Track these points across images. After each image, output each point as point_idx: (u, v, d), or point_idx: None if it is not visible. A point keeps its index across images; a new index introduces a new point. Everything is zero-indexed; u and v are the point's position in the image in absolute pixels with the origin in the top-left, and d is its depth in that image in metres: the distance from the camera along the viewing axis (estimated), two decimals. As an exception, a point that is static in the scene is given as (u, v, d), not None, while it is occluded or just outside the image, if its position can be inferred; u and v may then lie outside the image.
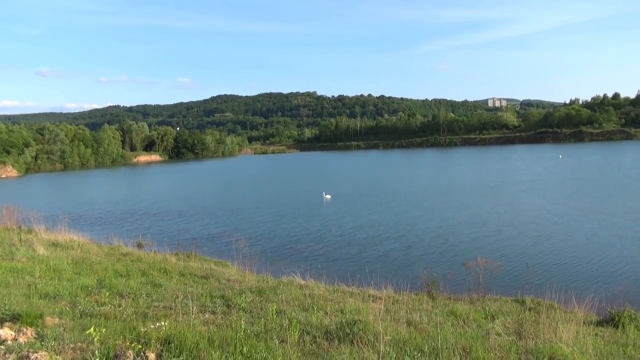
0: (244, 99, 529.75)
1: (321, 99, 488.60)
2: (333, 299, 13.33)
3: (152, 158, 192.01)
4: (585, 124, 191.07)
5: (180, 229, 37.58)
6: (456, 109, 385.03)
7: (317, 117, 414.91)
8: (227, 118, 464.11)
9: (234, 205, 49.90)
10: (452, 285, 19.49)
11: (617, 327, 12.93)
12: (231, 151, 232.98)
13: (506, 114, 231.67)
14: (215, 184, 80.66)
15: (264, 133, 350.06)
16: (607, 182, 55.80)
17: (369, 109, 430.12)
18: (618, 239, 28.10)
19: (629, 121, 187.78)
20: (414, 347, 7.47)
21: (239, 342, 7.09)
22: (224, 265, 21.82)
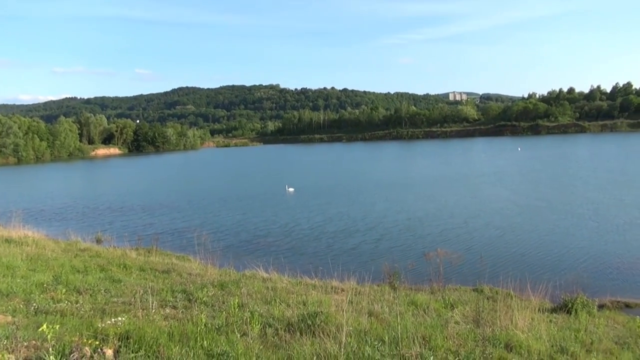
0: (206, 92, 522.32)
1: (284, 92, 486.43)
2: (296, 292, 13.36)
3: (111, 151, 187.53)
4: (542, 118, 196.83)
5: (141, 223, 36.89)
6: (418, 102, 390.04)
7: (281, 110, 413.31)
8: (188, 111, 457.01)
9: (196, 200, 49.27)
10: (413, 276, 19.82)
11: (570, 313, 13.38)
12: (193, 144, 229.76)
13: (466, 108, 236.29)
14: (178, 178, 79.49)
15: (227, 126, 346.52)
16: (566, 174, 57.60)
17: (332, 102, 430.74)
18: (574, 229, 29.05)
19: (582, 115, 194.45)
20: (375, 336, 7.56)
21: (199, 336, 7.03)
22: (186, 260, 21.58)
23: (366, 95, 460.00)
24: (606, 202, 36.95)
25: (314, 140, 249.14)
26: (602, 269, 21.45)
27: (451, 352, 7.05)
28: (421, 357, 6.62)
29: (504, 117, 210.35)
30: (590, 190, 43.36)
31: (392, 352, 6.78)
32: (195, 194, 54.61)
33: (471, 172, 64.99)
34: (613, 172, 56.36)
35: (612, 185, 45.89)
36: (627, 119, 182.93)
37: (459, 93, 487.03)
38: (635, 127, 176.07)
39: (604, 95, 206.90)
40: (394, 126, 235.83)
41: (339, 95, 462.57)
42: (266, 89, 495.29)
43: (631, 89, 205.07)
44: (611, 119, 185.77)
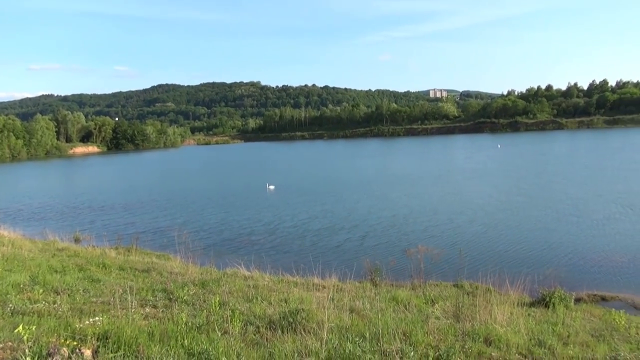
0: (186, 89, 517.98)
1: (265, 89, 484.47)
2: (277, 289, 13.33)
3: (89, 149, 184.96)
4: (520, 115, 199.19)
5: (122, 222, 36.51)
6: (399, 99, 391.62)
7: (262, 108, 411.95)
8: (168, 108, 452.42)
9: (177, 198, 48.91)
10: (395, 272, 19.94)
11: (548, 307, 13.59)
12: (173, 142, 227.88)
13: (447, 105, 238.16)
14: (158, 176, 78.79)
15: (207, 123, 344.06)
16: (546, 170, 58.43)
17: (313, 100, 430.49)
18: (553, 224, 29.50)
19: (560, 112, 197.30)
20: (356, 333, 7.59)
21: (180, 335, 6.97)
22: (167, 259, 21.40)
23: (347, 92, 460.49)
24: (585, 198, 37.58)
25: (296, 138, 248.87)
26: (580, 263, 21.84)
27: (431, 347, 7.11)
28: (402, 353, 6.67)
29: (483, 114, 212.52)
30: (570, 186, 44.06)
31: (373, 348, 6.81)
32: (176, 192, 54.20)
33: (454, 169, 65.60)
34: (591, 168, 57.33)
35: (591, 180, 46.71)
36: (603, 115, 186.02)
37: (439, 90, 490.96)
38: (611, 123, 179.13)
39: (580, 92, 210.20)
40: (375, 123, 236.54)
41: (320, 92, 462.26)
42: (247, 86, 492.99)
43: (607, 86, 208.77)
44: (588, 116, 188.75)
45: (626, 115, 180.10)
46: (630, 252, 22.81)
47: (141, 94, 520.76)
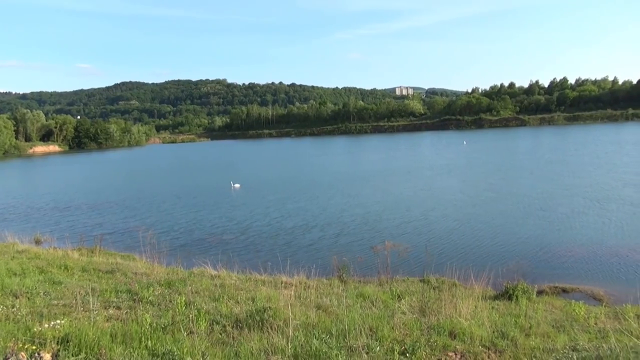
0: (151, 86, 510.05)
1: (232, 87, 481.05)
2: (245, 288, 13.26)
3: (50, 149, 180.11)
4: (484, 112, 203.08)
5: (87, 223, 35.59)
6: (365, 97, 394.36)
7: (228, 105, 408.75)
8: (132, 106, 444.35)
9: (141, 197, 48.06)
10: (363, 269, 20.03)
11: (511, 299, 13.88)
12: (138, 141, 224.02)
13: (413, 102, 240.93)
14: (121, 176, 77.19)
15: (173, 122, 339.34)
16: (512, 165, 59.68)
17: (281, 97, 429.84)
18: (519, 218, 30.06)
19: (522, 109, 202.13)
20: (323, 329, 7.60)
21: (144, 336, 6.87)
22: (132, 259, 21.02)
23: (314, 90, 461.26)
24: (551, 192, 38.44)
25: (263, 136, 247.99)
26: (544, 256, 22.33)
27: (397, 341, 7.18)
28: (368, 348, 6.72)
29: (448, 112, 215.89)
30: (536, 181, 45.06)
31: (339, 344, 6.84)
32: (140, 191, 53.28)
33: (423, 165, 66.37)
34: (556, 163, 58.83)
35: (556, 175, 47.87)
36: (564, 112, 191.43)
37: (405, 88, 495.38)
38: (571, 120, 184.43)
39: (542, 90, 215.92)
40: (342, 121, 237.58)
41: (287, 90, 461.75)
42: (213, 84, 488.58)
43: (567, 83, 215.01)
44: (549, 113, 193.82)
45: (585, 112, 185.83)
46: (591, 244, 23.48)
47: (104, 91, 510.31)
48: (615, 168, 50.51)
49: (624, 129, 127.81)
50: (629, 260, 20.83)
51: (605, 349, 6.72)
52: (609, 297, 16.72)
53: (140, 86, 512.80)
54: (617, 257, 21.30)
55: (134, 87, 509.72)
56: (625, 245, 23.04)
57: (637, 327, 8.01)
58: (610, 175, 45.52)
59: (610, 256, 21.55)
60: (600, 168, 51.34)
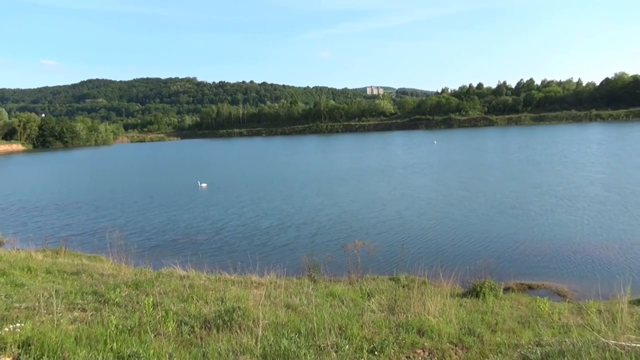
0: (118, 84, 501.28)
1: (202, 85, 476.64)
2: (214, 288, 13.14)
3: (13, 148, 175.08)
4: (454, 112, 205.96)
5: (52, 224, 34.72)
6: (337, 96, 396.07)
7: (198, 104, 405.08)
8: (100, 104, 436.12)
9: (108, 197, 47.18)
10: (333, 268, 20.10)
11: (479, 296, 14.12)
12: (105, 139, 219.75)
13: (383, 102, 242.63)
14: (89, 175, 75.64)
15: (142, 120, 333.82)
16: (483, 164, 60.72)
17: (251, 96, 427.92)
18: (489, 217, 30.53)
19: (490, 109, 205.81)
20: (292, 329, 7.59)
21: (109, 339, 6.73)
22: (98, 260, 20.61)
23: (285, 89, 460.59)
24: (521, 190, 39.19)
25: (233, 135, 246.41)
26: (511, 254, 22.75)
27: (366, 340, 7.21)
28: (337, 347, 6.73)
29: (418, 111, 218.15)
30: (506, 179, 45.90)
31: (308, 343, 6.84)
32: (108, 191, 52.27)
33: (396, 164, 66.90)
34: (526, 162, 60.01)
35: (526, 174, 48.84)
36: (530, 112, 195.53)
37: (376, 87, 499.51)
38: (537, 120, 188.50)
39: (509, 91, 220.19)
40: (313, 120, 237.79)
41: (258, 89, 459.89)
42: (183, 82, 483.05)
43: (533, 84, 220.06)
44: (516, 113, 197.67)
45: (551, 112, 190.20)
46: (557, 242, 24.04)
47: (70, 89, 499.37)
48: (583, 167, 51.92)
49: (588, 129, 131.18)
50: (592, 257, 21.40)
51: (568, 344, 6.89)
52: (572, 293, 17.16)
53: (107, 84, 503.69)
54: (581, 254, 21.86)
55: (101, 85, 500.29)
56: (589, 242, 23.67)
57: (598, 321, 8.23)
58: (577, 174, 46.74)
59: (574, 253, 22.10)
60: (568, 167, 52.66)
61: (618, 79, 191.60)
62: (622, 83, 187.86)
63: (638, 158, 56.98)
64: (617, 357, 5.98)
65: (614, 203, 32.16)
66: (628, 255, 21.47)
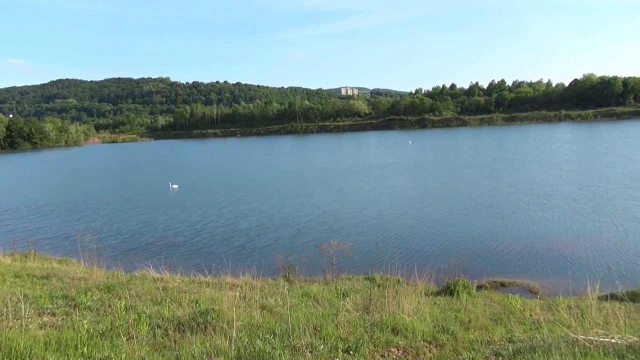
0: (89, 84, 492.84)
1: (175, 86, 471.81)
2: (188, 290, 13.00)
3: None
4: (427, 112, 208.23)
5: (23, 227, 33.91)
6: (311, 97, 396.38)
7: (171, 104, 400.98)
8: (70, 104, 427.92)
9: (78, 200, 46.31)
10: (309, 268, 20.11)
11: (452, 295, 14.27)
12: (76, 140, 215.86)
13: (358, 102, 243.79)
14: (58, 177, 74.15)
15: (113, 121, 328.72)
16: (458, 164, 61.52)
17: (226, 96, 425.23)
18: (464, 215, 30.88)
19: (463, 109, 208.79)
20: (267, 330, 7.56)
21: (80, 343, 6.61)
22: (69, 264, 20.22)
23: (260, 89, 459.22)
24: (494, 189, 39.79)
25: (208, 135, 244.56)
26: (484, 252, 23.07)
27: (341, 339, 7.22)
28: (312, 347, 6.72)
29: (393, 112, 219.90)
30: (482, 179, 46.59)
31: (283, 343, 6.82)
32: (77, 194, 51.31)
33: (375, 164, 67.23)
34: (499, 161, 61.06)
35: (501, 173, 49.64)
36: (502, 113, 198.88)
37: (350, 88, 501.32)
38: (509, 120, 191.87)
39: (481, 91, 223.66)
40: (288, 120, 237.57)
41: (233, 89, 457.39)
42: (155, 82, 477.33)
43: (504, 85, 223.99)
44: (488, 113, 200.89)
45: (522, 112, 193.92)
46: (529, 239, 24.47)
47: (39, 89, 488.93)
48: (555, 166, 53.13)
49: (559, 129, 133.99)
50: (564, 254, 21.86)
51: (539, 340, 7.02)
52: (543, 290, 17.50)
53: (78, 84, 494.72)
54: (552, 252, 22.30)
55: (71, 85, 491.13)
56: (561, 239, 24.17)
57: (567, 317, 8.40)
58: (551, 172, 47.83)
59: (546, 251, 22.53)
60: (541, 166, 53.78)
61: (586, 80, 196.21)
62: (590, 84, 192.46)
63: (608, 157, 58.42)
64: (585, 351, 6.11)
65: (586, 201, 32.92)
66: (598, 252, 21.99)
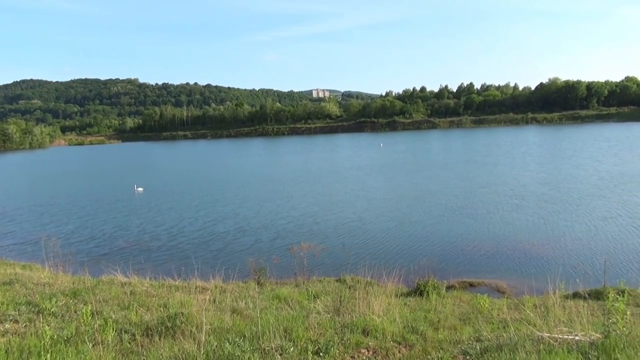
0: (55, 85, 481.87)
1: (144, 87, 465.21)
2: (157, 295, 12.81)
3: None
4: (398, 115, 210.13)
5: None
6: (282, 99, 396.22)
7: (140, 106, 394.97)
8: (34, 105, 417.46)
9: (42, 203, 45.20)
10: (280, 270, 20.07)
11: (422, 295, 14.41)
12: (41, 143, 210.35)
13: (329, 105, 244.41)
14: (21, 181, 72.24)
15: (80, 122, 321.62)
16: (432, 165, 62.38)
17: (196, 98, 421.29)
18: (436, 216, 31.30)
19: (433, 112, 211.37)
20: (237, 333, 7.51)
21: (43, 350, 6.43)
22: (33, 269, 19.67)
23: (230, 91, 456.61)
24: (468, 190, 40.41)
25: (178, 137, 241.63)
26: (454, 252, 23.43)
27: (311, 341, 7.22)
28: (282, 349, 6.70)
29: (364, 114, 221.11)
30: (455, 180, 47.29)
31: (253, 346, 6.77)
32: (39, 197, 50.08)
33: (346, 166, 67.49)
34: (473, 163, 62.02)
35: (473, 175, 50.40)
36: (471, 115, 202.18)
37: (322, 90, 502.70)
38: (478, 123, 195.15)
39: (450, 94, 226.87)
40: (259, 122, 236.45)
41: (203, 91, 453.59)
42: (123, 84, 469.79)
43: (473, 88, 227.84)
44: (458, 116, 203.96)
45: (490, 115, 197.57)
46: (499, 239, 24.96)
47: (1, 89, 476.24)
48: (526, 166, 54.50)
49: (526, 132, 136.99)
50: (531, 254, 22.35)
51: (505, 338, 7.14)
52: (511, 289, 17.84)
53: (43, 84, 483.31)
54: (520, 252, 22.77)
55: (35, 86, 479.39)
56: (529, 239, 24.71)
57: (534, 316, 8.57)
58: (522, 173, 49.19)
59: (514, 251, 22.99)
60: (512, 167, 55.08)
61: (552, 84, 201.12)
62: (555, 88, 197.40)
63: (576, 159, 60.16)
64: (550, 349, 6.25)
65: (556, 201, 33.77)
66: (565, 251, 22.56)
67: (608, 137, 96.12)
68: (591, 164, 54.15)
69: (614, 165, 51.32)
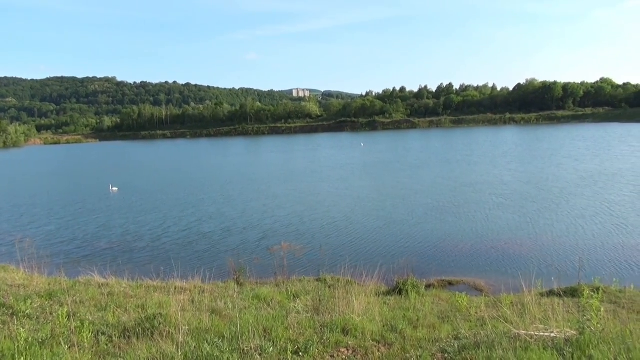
0: (30, 83, 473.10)
1: (122, 85, 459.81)
2: (135, 295, 12.67)
3: None
4: (378, 114, 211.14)
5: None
6: (263, 98, 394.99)
7: (118, 105, 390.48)
8: (9, 104, 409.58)
9: (15, 203, 44.34)
10: (260, 270, 19.98)
11: (402, 294, 14.48)
12: (15, 142, 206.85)
13: (309, 104, 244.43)
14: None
15: (56, 121, 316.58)
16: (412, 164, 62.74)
17: (175, 97, 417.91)
18: (417, 215, 31.43)
19: (413, 112, 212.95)
20: (215, 333, 7.47)
21: (17, 353, 6.32)
22: (7, 270, 19.26)
23: (210, 90, 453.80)
24: (450, 190, 40.67)
25: (156, 137, 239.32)
26: (433, 251, 23.59)
27: (291, 341, 7.21)
28: (261, 349, 6.68)
29: (344, 114, 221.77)
30: (436, 178, 47.64)
31: (231, 347, 6.74)
32: (18, 197, 49.15)
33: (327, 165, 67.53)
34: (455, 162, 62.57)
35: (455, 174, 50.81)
36: (450, 115, 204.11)
37: (302, 90, 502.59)
38: (457, 123, 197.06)
39: (430, 94, 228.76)
40: (239, 122, 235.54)
41: (182, 89, 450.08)
42: (101, 82, 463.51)
43: (452, 89, 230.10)
44: (437, 116, 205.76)
45: (468, 115, 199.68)
46: (476, 239, 25.18)
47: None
48: (506, 165, 55.34)
49: (504, 132, 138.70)
50: (509, 252, 22.62)
51: (483, 336, 7.23)
52: (489, 287, 18.05)
53: (17, 82, 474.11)
54: (498, 250, 23.03)
55: (10, 83, 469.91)
56: (507, 238, 25.01)
57: (510, 314, 8.68)
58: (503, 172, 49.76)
59: (493, 249, 23.24)
60: (493, 166, 55.74)
61: (529, 85, 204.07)
62: (532, 88, 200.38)
63: (557, 158, 61.27)
64: (526, 346, 6.34)
65: (537, 200, 34.26)
66: (541, 249, 22.88)
67: (585, 137, 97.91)
68: (571, 163, 55.15)
69: (593, 165, 52.31)
